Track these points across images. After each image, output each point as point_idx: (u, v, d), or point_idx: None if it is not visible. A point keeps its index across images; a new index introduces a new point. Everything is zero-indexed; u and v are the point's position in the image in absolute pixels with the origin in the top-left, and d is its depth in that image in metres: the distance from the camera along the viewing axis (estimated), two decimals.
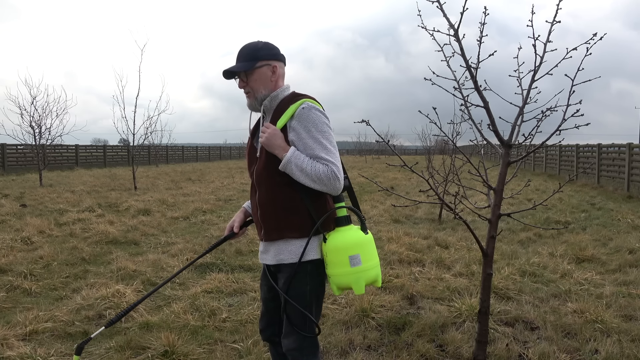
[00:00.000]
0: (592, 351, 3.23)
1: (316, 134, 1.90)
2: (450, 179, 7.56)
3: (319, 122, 1.91)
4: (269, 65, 2.00)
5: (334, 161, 1.88)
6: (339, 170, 1.88)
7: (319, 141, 1.89)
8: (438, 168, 7.48)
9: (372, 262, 1.97)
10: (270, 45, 2.04)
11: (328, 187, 1.89)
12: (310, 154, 1.89)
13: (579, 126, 2.82)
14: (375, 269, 1.98)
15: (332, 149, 1.91)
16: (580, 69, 2.76)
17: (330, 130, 1.95)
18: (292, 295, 1.97)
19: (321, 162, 1.87)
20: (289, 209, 1.95)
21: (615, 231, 7.54)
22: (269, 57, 2.01)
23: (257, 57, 1.99)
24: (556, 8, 2.77)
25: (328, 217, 1.96)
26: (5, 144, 21.54)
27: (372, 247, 2.00)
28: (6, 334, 3.38)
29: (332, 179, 1.86)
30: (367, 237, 1.98)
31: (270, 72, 2.01)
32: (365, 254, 1.94)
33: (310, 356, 2.08)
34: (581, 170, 16.93)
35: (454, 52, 2.89)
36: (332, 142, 1.93)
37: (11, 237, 6.56)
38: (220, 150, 47.58)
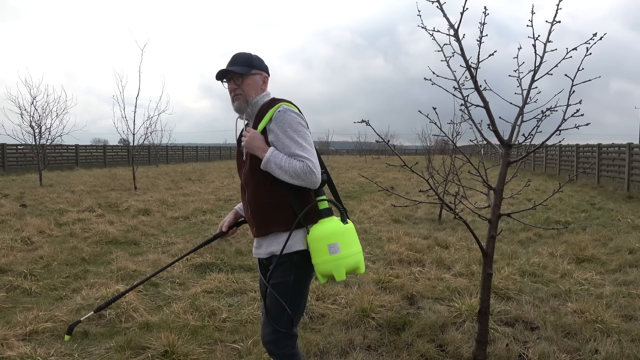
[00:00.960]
0: (592, 351, 3.23)
1: (292, 134, 2.05)
2: (450, 179, 7.56)
3: (294, 123, 2.07)
4: (261, 75, 2.21)
5: (309, 157, 2.02)
6: (314, 166, 2.02)
7: (294, 140, 2.05)
8: (438, 168, 7.48)
9: (351, 250, 2.06)
10: (259, 58, 2.24)
11: (305, 182, 2.02)
12: (287, 152, 2.04)
13: (579, 126, 2.82)
14: (354, 257, 2.07)
15: (308, 146, 2.06)
16: (580, 69, 2.76)
17: (306, 130, 2.10)
18: (274, 285, 2.09)
19: (297, 159, 2.01)
20: (274, 205, 2.10)
21: (615, 231, 7.54)
22: (262, 68, 2.22)
23: (253, 65, 2.19)
24: (556, 8, 2.77)
25: (311, 210, 2.09)
26: (5, 144, 21.54)
27: (352, 236, 2.09)
28: (6, 334, 3.38)
29: (308, 173, 2.00)
30: (346, 227, 2.08)
31: (261, 81, 2.21)
32: (344, 242, 2.04)
33: (287, 348, 2.15)
34: (581, 170, 16.93)
35: (454, 52, 2.89)
36: (308, 140, 2.08)
37: (11, 237, 6.56)
38: (220, 150, 47.58)
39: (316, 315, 3.88)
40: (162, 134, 37.17)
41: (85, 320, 2.47)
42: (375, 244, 6.61)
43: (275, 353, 2.16)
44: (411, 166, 3.06)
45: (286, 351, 2.14)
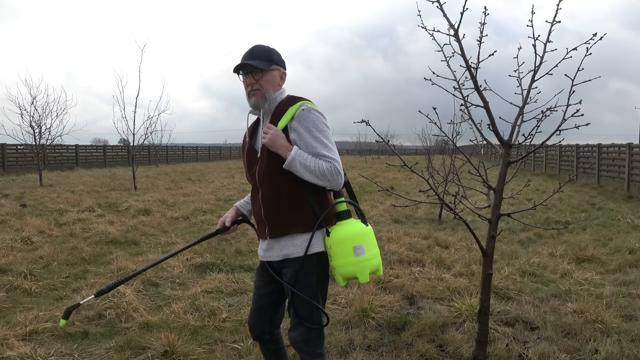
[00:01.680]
0: (592, 351, 3.23)
1: (317, 134, 2.01)
2: (450, 179, 7.56)
3: (319, 122, 2.03)
4: (279, 71, 2.14)
5: (335, 158, 2.00)
6: (340, 167, 2.02)
7: (319, 140, 2.00)
8: (438, 168, 7.48)
9: (375, 252, 2.09)
10: (278, 52, 2.17)
11: (331, 183, 2.01)
12: (312, 152, 1.99)
13: (579, 126, 2.82)
14: (377, 258, 2.10)
15: (332, 147, 2.04)
16: (580, 69, 2.76)
17: (329, 130, 2.06)
18: (300, 288, 2.07)
19: (323, 159, 1.98)
20: (293, 206, 2.05)
21: (615, 231, 7.54)
22: (280, 63, 2.16)
23: (273, 60, 2.11)
24: (556, 8, 2.77)
25: (330, 212, 2.08)
26: (5, 144, 21.54)
27: (373, 238, 2.12)
28: (6, 334, 3.38)
29: (335, 174, 1.99)
30: (368, 229, 2.10)
31: (279, 77, 2.15)
32: (368, 244, 2.06)
33: (316, 347, 2.16)
34: (581, 170, 16.93)
35: (454, 52, 2.89)
36: (332, 140, 2.06)
37: (11, 237, 6.56)
38: (220, 150, 47.58)
39: None
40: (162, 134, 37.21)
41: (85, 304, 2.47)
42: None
43: (305, 351, 2.16)
44: (411, 166, 3.06)
45: (316, 349, 2.16)
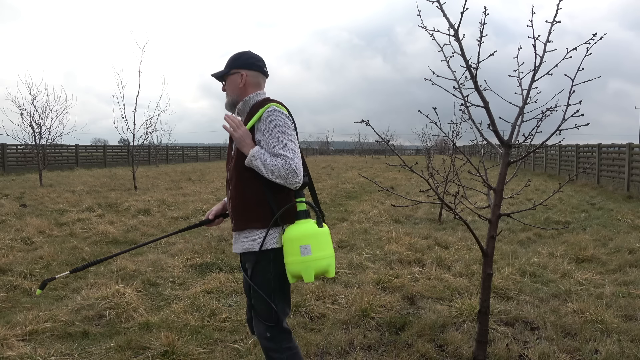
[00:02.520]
0: (592, 351, 3.23)
1: (278, 134, 2.13)
2: (450, 179, 7.56)
3: (281, 123, 2.14)
4: (238, 74, 2.28)
5: (292, 157, 2.09)
6: (296, 165, 2.09)
7: (280, 140, 2.12)
8: (438, 168, 7.48)
9: (323, 253, 2.11)
10: (247, 55, 2.32)
11: (287, 181, 2.09)
12: (272, 152, 2.11)
13: (579, 126, 2.82)
14: (325, 260, 2.11)
15: (292, 146, 2.13)
16: (580, 69, 2.77)
17: (292, 131, 2.18)
18: (257, 283, 2.17)
19: (281, 157, 2.09)
20: (254, 202, 2.18)
21: (615, 231, 7.53)
22: (240, 66, 2.29)
23: (232, 65, 2.30)
24: (556, 8, 2.77)
25: (289, 211, 2.17)
26: (5, 144, 21.53)
27: (325, 239, 2.14)
28: (6, 334, 3.38)
29: (289, 172, 2.07)
30: (320, 230, 2.14)
31: (239, 80, 2.28)
32: (316, 245, 2.09)
33: (282, 342, 2.22)
34: (581, 170, 16.93)
35: (454, 52, 2.89)
36: (293, 141, 2.16)
37: (11, 237, 6.56)
38: (220, 150, 47.55)
39: (316, 315, 3.88)
40: (162, 134, 37.19)
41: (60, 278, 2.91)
42: (375, 244, 6.61)
43: (270, 347, 2.22)
44: (411, 166, 3.06)
45: (282, 344, 2.21)
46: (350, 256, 5.79)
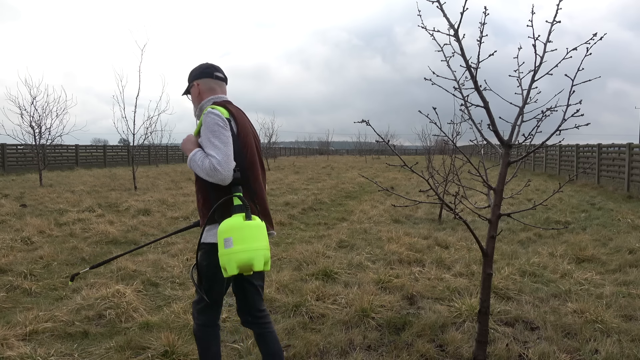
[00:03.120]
0: (592, 351, 3.23)
1: (208, 134, 2.26)
2: (450, 179, 7.56)
3: (212, 124, 2.26)
4: (194, 85, 2.53)
5: (215, 155, 2.21)
6: (218, 163, 2.19)
7: (209, 140, 2.25)
8: (438, 168, 7.48)
9: (246, 246, 2.12)
10: (198, 66, 2.55)
11: (214, 178, 2.22)
12: (206, 152, 2.26)
13: (579, 126, 2.82)
14: (248, 253, 2.12)
15: (220, 145, 2.23)
16: (580, 69, 2.77)
17: (222, 129, 2.26)
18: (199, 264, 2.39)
19: (209, 157, 2.23)
20: (202, 201, 2.40)
21: (615, 231, 7.54)
22: (194, 78, 2.53)
23: (189, 79, 2.56)
24: (556, 8, 2.77)
25: (226, 207, 2.27)
26: (5, 144, 21.52)
27: (249, 232, 2.16)
28: (6, 334, 3.38)
29: (212, 170, 2.20)
30: (245, 223, 2.18)
31: (195, 91, 2.53)
32: (239, 238, 2.13)
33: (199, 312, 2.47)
34: (581, 170, 16.93)
35: (454, 52, 2.89)
36: (222, 139, 2.24)
37: (11, 237, 6.56)
38: None
39: (316, 315, 3.88)
40: (162, 134, 37.20)
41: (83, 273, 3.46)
42: (375, 244, 6.61)
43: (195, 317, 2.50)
44: (411, 166, 3.06)
45: (200, 321, 2.46)
46: (350, 256, 5.79)
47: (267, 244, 2.21)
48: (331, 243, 6.54)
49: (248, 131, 2.45)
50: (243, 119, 2.45)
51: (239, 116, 2.43)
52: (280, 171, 24.10)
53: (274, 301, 4.21)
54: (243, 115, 2.51)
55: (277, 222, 8.27)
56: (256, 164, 2.46)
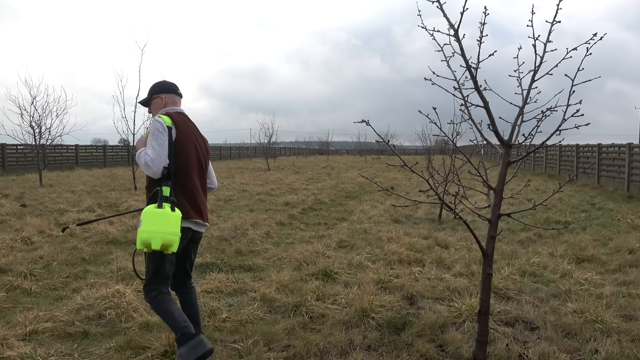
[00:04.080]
0: (592, 351, 3.23)
1: (150, 137, 2.83)
2: (450, 179, 7.56)
3: (154, 129, 2.84)
4: (159, 97, 3.08)
5: (150, 154, 2.77)
6: (150, 160, 2.76)
7: (150, 141, 2.83)
8: (438, 168, 7.48)
9: (147, 228, 2.65)
10: (162, 82, 3.11)
11: (147, 172, 2.80)
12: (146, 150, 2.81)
13: (579, 126, 2.82)
14: (147, 233, 2.64)
15: (156, 146, 2.79)
16: (580, 69, 2.77)
17: (160, 134, 2.81)
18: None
19: (147, 155, 2.78)
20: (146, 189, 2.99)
21: (615, 231, 7.54)
22: (158, 91, 3.09)
23: (154, 92, 3.10)
24: (556, 8, 2.77)
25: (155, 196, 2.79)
26: (5, 144, 21.53)
27: (154, 218, 2.66)
28: (6, 334, 3.38)
29: (146, 165, 2.76)
30: (153, 210, 2.69)
31: (160, 102, 3.07)
32: (145, 221, 2.67)
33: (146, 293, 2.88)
34: (581, 170, 16.93)
35: (454, 52, 2.89)
36: (159, 141, 2.80)
37: (11, 237, 6.56)
38: (220, 150, 47.56)
39: (316, 315, 3.88)
40: None
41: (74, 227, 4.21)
42: (375, 244, 6.61)
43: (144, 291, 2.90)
44: (411, 166, 3.06)
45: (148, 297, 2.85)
46: (350, 256, 5.79)
47: (167, 229, 2.65)
48: (331, 243, 6.54)
49: (188, 138, 2.94)
50: (186, 129, 2.96)
51: (182, 126, 2.94)
52: (280, 171, 24.11)
53: (274, 301, 4.21)
54: (189, 125, 3.03)
55: (277, 222, 8.27)
56: (190, 165, 2.93)
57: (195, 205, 2.93)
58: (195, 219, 2.92)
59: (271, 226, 7.91)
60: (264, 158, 32.95)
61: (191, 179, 2.93)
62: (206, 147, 3.17)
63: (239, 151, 51.15)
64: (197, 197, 2.96)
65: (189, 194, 2.90)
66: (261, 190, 13.72)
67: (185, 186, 2.89)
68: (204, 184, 3.12)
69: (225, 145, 59.78)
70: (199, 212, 2.95)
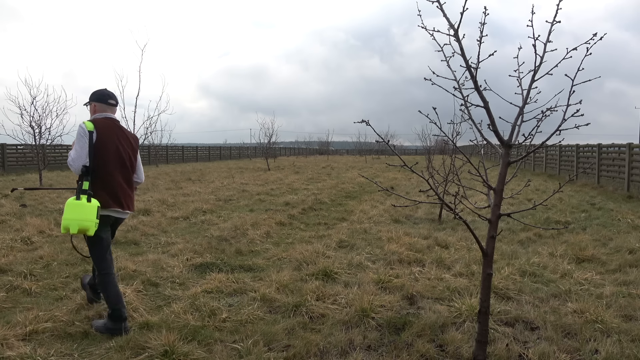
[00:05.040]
0: (592, 351, 3.23)
1: (75, 139, 3.50)
2: (450, 179, 7.56)
3: (77, 134, 3.49)
4: (91, 104, 3.72)
5: (72, 154, 3.46)
6: (72, 159, 3.43)
7: (74, 143, 3.51)
8: (438, 168, 7.48)
9: (66, 216, 3.31)
10: (96, 92, 3.73)
11: (70, 169, 3.47)
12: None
13: (579, 126, 2.82)
14: (66, 221, 3.31)
15: (78, 148, 3.44)
16: (580, 69, 2.77)
17: (81, 137, 3.45)
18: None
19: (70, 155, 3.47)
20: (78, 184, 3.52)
21: (615, 231, 7.53)
22: (92, 100, 3.71)
23: (90, 99, 3.73)
24: (556, 8, 2.77)
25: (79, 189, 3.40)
26: (5, 144, 21.51)
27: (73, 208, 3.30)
28: (6, 334, 3.38)
29: (69, 163, 3.48)
30: (73, 202, 3.33)
31: (92, 109, 3.71)
32: (66, 210, 3.32)
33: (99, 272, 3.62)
34: (581, 170, 16.93)
35: (454, 52, 2.89)
36: (80, 144, 3.44)
37: (11, 237, 6.56)
38: (220, 150, 47.56)
39: (316, 315, 3.88)
40: (162, 134, 37.15)
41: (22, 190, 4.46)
42: (375, 244, 6.61)
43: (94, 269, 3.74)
44: (411, 166, 3.06)
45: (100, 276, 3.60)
46: (350, 256, 5.79)
47: (83, 217, 3.28)
48: (331, 243, 6.54)
49: (109, 140, 3.52)
50: (109, 132, 3.55)
51: (105, 130, 3.53)
52: (280, 171, 24.11)
53: (274, 301, 4.21)
54: (112, 129, 3.60)
55: (277, 222, 8.28)
56: (110, 163, 3.51)
57: (114, 197, 3.53)
58: (115, 207, 3.55)
59: (271, 226, 7.91)
60: (264, 158, 32.96)
61: (111, 175, 3.52)
62: (132, 147, 3.71)
63: (239, 151, 51.14)
64: (118, 189, 3.56)
65: (109, 188, 3.50)
66: (261, 190, 13.73)
67: (104, 181, 3.49)
68: (129, 178, 3.68)
69: (225, 145, 59.75)
70: (118, 202, 3.56)
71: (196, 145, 48.44)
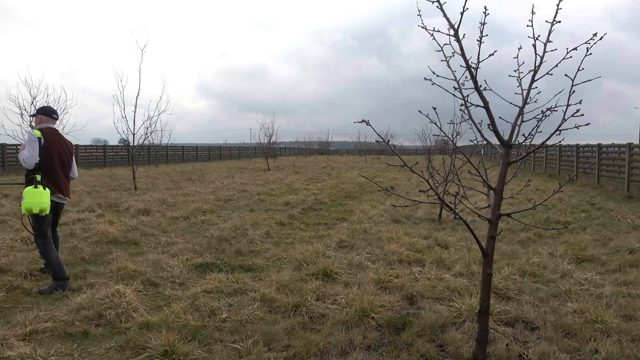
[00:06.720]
0: (592, 351, 3.23)
1: (27, 143, 4.54)
2: (450, 179, 7.56)
3: (28, 138, 4.58)
4: (38, 117, 4.83)
5: (25, 154, 4.51)
6: (27, 158, 4.49)
7: (26, 146, 4.54)
8: (438, 168, 7.48)
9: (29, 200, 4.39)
10: (42, 107, 4.96)
11: (24, 165, 4.53)
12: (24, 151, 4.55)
13: (579, 126, 2.82)
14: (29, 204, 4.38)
15: (30, 149, 4.51)
16: (580, 69, 2.77)
17: (32, 142, 4.53)
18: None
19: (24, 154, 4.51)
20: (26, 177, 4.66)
21: (615, 231, 7.53)
22: (39, 113, 4.85)
23: (37, 112, 4.88)
24: (556, 8, 2.78)
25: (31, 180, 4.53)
26: (5, 144, 21.54)
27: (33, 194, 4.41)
28: (6, 334, 3.38)
29: (23, 161, 4.51)
30: (32, 189, 4.42)
31: (38, 120, 4.82)
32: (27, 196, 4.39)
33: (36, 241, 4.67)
34: (581, 170, 16.93)
35: (454, 52, 2.89)
36: (32, 145, 4.53)
37: (11, 237, 6.56)
38: (220, 150, 47.57)
39: (316, 315, 3.88)
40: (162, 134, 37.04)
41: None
42: (375, 244, 6.61)
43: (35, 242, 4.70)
44: (411, 166, 3.06)
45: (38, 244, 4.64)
46: (350, 256, 5.79)
47: (42, 200, 4.41)
48: (331, 243, 6.54)
49: (53, 144, 4.65)
50: (52, 138, 4.67)
51: (49, 137, 4.64)
52: (280, 171, 24.11)
53: (274, 301, 4.21)
54: (54, 136, 4.72)
55: (277, 222, 8.28)
56: (54, 161, 4.64)
57: (57, 187, 4.68)
58: (58, 194, 4.70)
59: (271, 226, 7.91)
60: (264, 158, 32.96)
61: (55, 170, 4.68)
62: (69, 150, 4.90)
63: (239, 151, 51.14)
64: (59, 181, 4.72)
65: (53, 180, 4.65)
66: (261, 190, 13.73)
67: (50, 174, 4.64)
68: (67, 173, 4.88)
69: (225, 145, 59.74)
70: (60, 190, 4.72)
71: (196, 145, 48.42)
